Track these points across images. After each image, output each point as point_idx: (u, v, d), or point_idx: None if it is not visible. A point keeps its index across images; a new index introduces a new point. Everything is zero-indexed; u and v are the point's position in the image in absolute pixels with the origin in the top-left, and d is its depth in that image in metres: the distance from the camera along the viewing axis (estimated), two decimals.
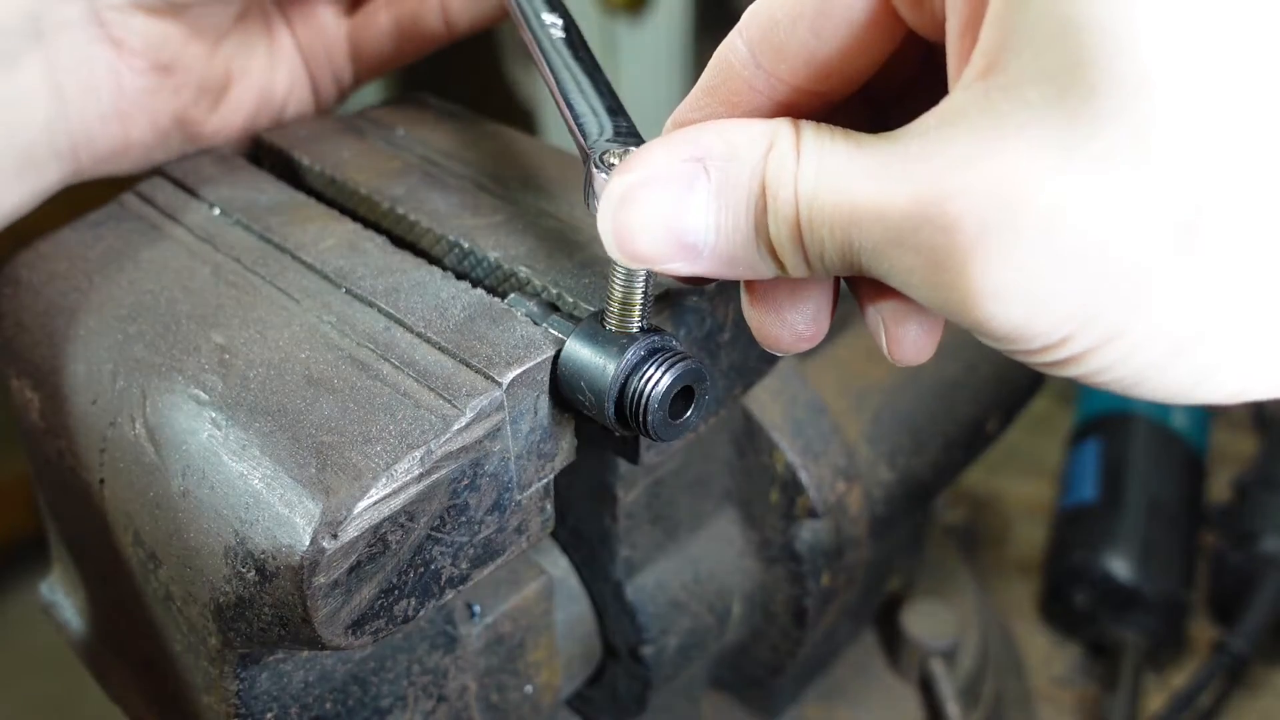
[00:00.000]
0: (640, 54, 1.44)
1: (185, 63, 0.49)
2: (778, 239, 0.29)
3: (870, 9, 0.30)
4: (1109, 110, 0.24)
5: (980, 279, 0.25)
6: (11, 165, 0.46)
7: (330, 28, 0.56)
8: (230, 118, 0.53)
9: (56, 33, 0.46)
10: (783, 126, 0.29)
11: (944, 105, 0.27)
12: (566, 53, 0.42)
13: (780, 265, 0.30)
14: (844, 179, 0.27)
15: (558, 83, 0.40)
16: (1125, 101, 0.24)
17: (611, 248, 0.31)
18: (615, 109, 0.38)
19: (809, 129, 0.29)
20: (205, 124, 0.52)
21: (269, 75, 0.54)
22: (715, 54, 0.32)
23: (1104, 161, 0.24)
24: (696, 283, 0.37)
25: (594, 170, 0.34)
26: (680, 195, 0.30)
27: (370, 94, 1.95)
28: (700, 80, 0.32)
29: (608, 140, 0.36)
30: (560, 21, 0.44)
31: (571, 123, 0.38)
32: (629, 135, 0.37)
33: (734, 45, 0.31)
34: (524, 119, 1.57)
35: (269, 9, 0.54)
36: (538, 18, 0.44)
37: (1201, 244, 0.24)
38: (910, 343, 0.34)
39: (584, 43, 0.43)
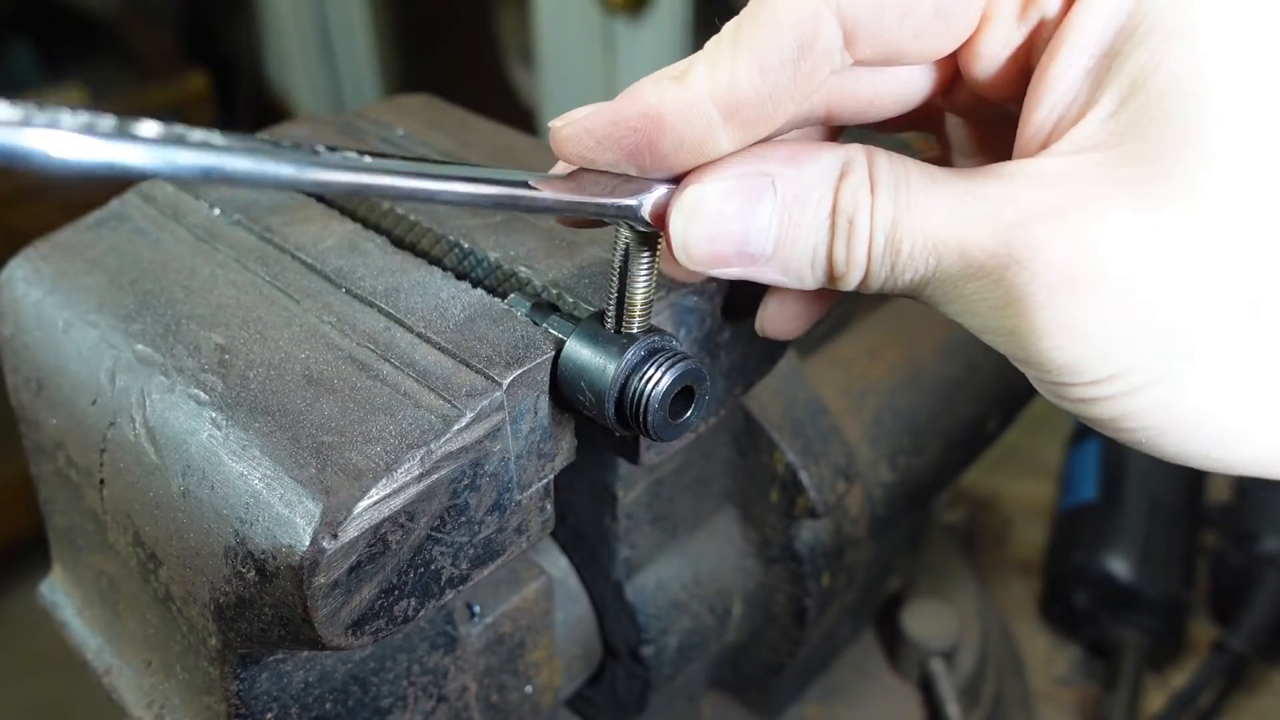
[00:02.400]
0: (640, 54, 1.44)
1: None
2: (842, 260, 0.32)
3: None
4: (1184, 195, 0.27)
5: (1049, 322, 0.28)
6: None
7: None
8: None
9: None
10: (856, 155, 0.31)
11: (1033, 161, 0.30)
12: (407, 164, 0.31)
13: (833, 279, 0.32)
14: (929, 215, 0.30)
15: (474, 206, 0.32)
16: (1201, 189, 0.27)
17: (680, 251, 0.33)
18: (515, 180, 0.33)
19: (882, 158, 0.31)
20: None
21: None
22: (784, 24, 0.30)
23: (1175, 234, 0.27)
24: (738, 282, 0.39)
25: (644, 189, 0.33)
26: (747, 207, 0.32)
27: (370, 94, 1.95)
28: (766, 53, 0.30)
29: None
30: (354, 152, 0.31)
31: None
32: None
33: (823, 16, 0.30)
34: (524, 119, 1.57)
35: None
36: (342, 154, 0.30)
37: (1259, 320, 0.28)
38: (784, 320, 0.38)
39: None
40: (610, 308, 0.36)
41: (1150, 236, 0.27)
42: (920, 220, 0.30)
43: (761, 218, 0.32)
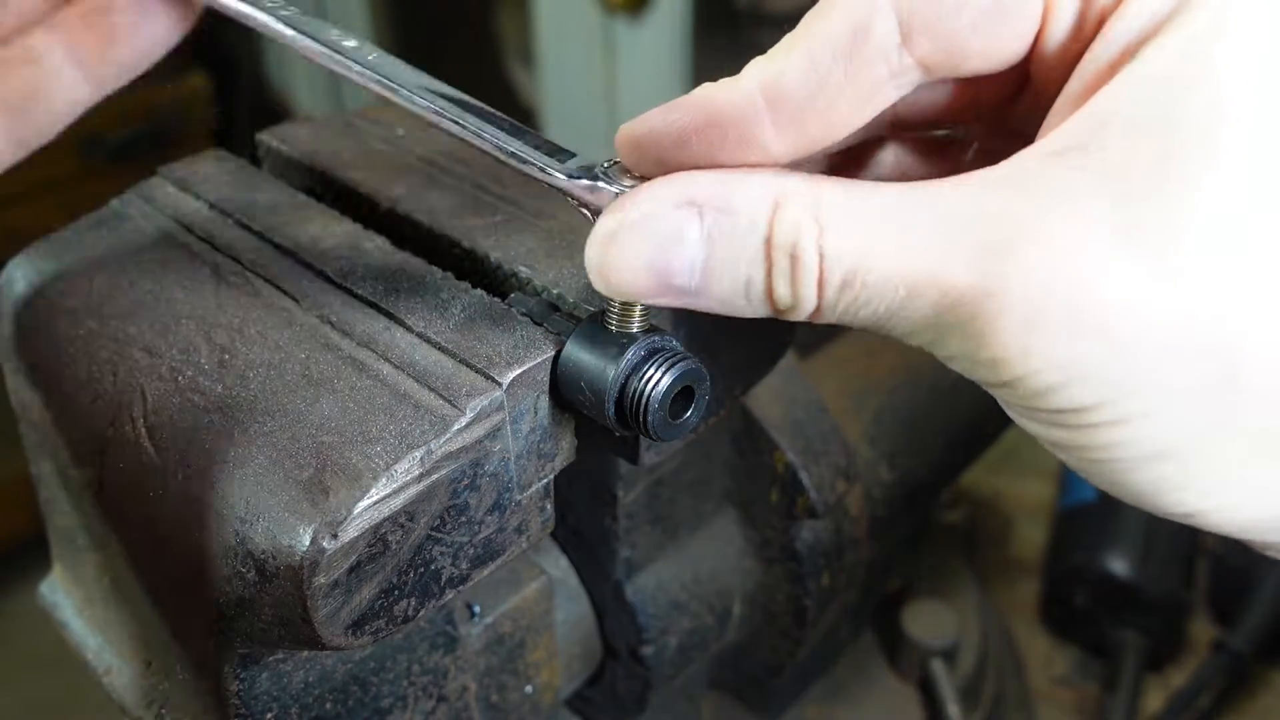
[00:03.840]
0: (640, 54, 1.44)
1: None
2: (789, 295, 0.30)
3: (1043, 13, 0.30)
4: (1175, 225, 0.26)
5: (1023, 353, 0.27)
6: None
7: None
8: None
9: None
10: (794, 184, 0.29)
11: (1015, 169, 0.28)
12: (424, 79, 0.37)
13: (778, 312, 0.31)
14: (899, 247, 0.28)
15: (460, 125, 0.36)
16: (1193, 227, 0.26)
17: (595, 279, 0.32)
18: (516, 129, 0.36)
19: (827, 187, 0.29)
20: None
21: None
22: (838, 15, 0.30)
23: (1163, 277, 0.26)
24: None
25: (607, 188, 0.33)
26: (668, 239, 0.30)
27: (371, 94, 1.95)
28: (818, 43, 0.30)
29: (576, 166, 0.35)
30: (365, 44, 0.38)
31: (526, 158, 0.35)
32: (567, 152, 0.35)
33: (878, 5, 0.29)
34: (524, 119, 1.57)
35: None
36: (340, 44, 0.37)
37: (1238, 379, 0.27)
38: None
39: (400, 59, 0.38)
40: (610, 307, 0.36)
41: (1141, 270, 0.26)
42: (888, 254, 0.28)
43: (687, 249, 0.30)
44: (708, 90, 0.31)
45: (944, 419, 0.62)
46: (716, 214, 0.30)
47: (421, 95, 0.36)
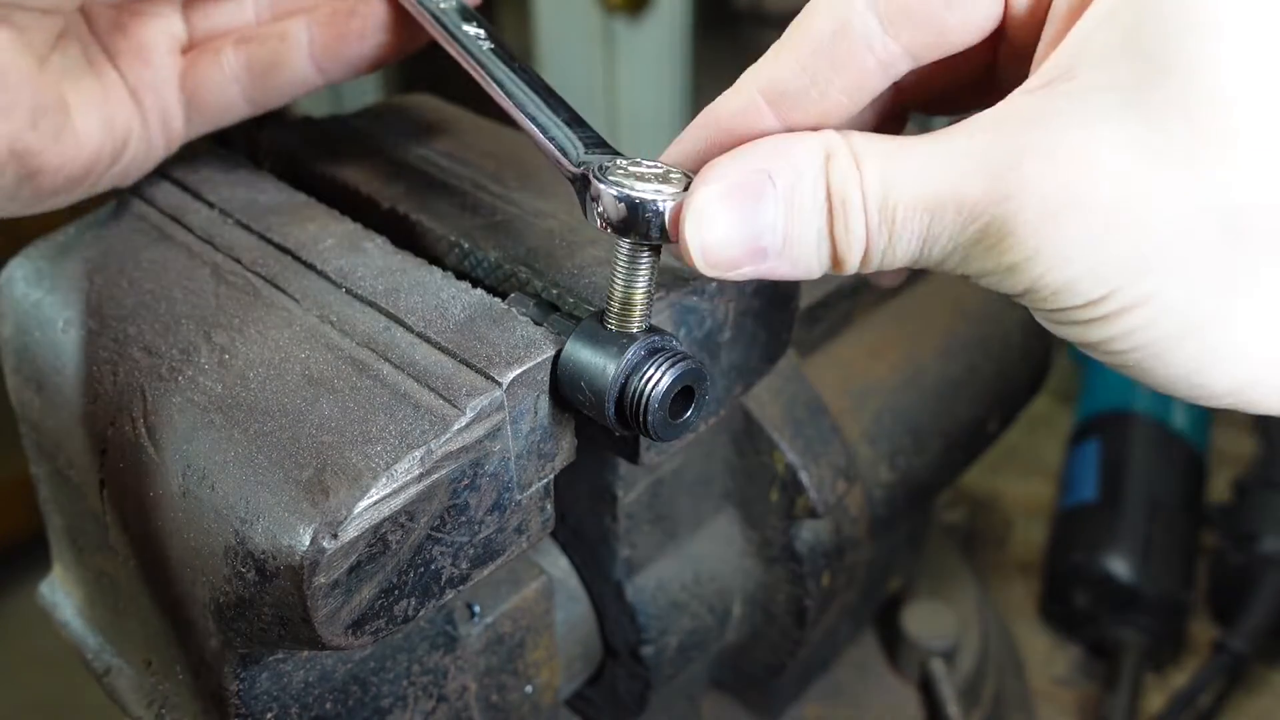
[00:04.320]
0: (640, 54, 1.44)
1: (11, 79, 0.40)
2: (845, 240, 0.32)
3: None
4: (1172, 112, 0.28)
5: (1041, 250, 0.29)
6: None
7: (158, 64, 0.47)
8: (74, 152, 0.43)
9: None
10: (832, 138, 0.32)
11: (1008, 104, 0.31)
12: (504, 67, 0.42)
13: (838, 263, 0.33)
14: (919, 176, 0.31)
15: (512, 100, 0.40)
16: (1188, 106, 0.28)
17: (699, 261, 0.33)
18: (573, 120, 0.39)
19: (857, 138, 0.32)
20: (45, 155, 0.42)
21: (106, 107, 0.45)
22: (819, 18, 0.33)
23: (1163, 149, 0.28)
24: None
25: (597, 183, 0.34)
26: (753, 204, 0.32)
27: (370, 94, 1.95)
28: (803, 41, 0.34)
29: (587, 154, 0.36)
30: (482, 32, 0.44)
31: (544, 140, 0.38)
32: (600, 145, 0.37)
33: (856, 6, 0.33)
34: None
35: (85, 34, 0.45)
36: (460, 30, 0.43)
37: (1245, 235, 0.28)
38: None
39: (513, 52, 0.43)
40: (610, 307, 0.36)
41: (1133, 157, 0.28)
42: (909, 182, 0.31)
43: (767, 213, 0.32)
44: (710, 108, 0.35)
45: (944, 419, 0.62)
46: (787, 174, 0.32)
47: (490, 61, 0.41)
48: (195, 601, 0.37)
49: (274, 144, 0.53)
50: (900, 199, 0.31)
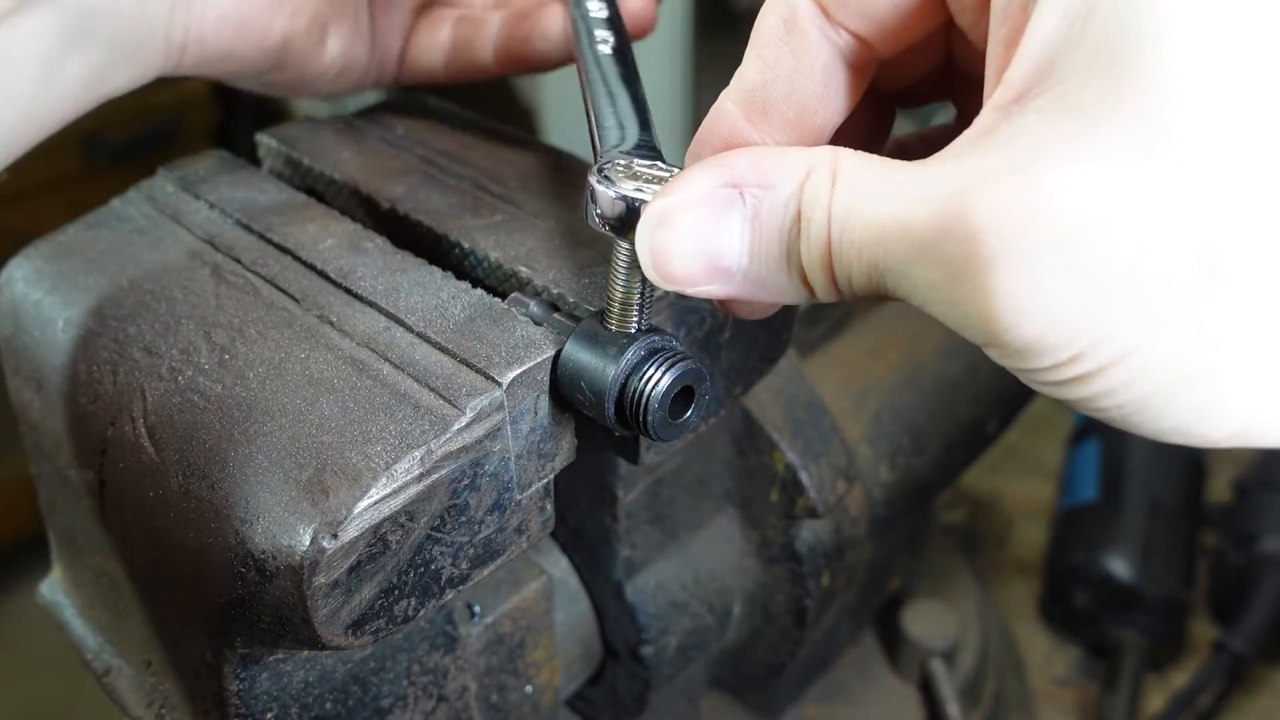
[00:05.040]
0: (640, 54, 1.44)
1: None
2: (809, 263, 0.30)
3: None
4: (1140, 138, 0.25)
5: (999, 292, 0.25)
6: (128, 50, 0.45)
7: (399, 17, 0.54)
8: (325, 63, 0.51)
9: None
10: (822, 155, 0.30)
11: (974, 126, 0.28)
12: (613, 68, 0.43)
13: (809, 289, 0.31)
14: (875, 201, 0.28)
15: (591, 92, 0.41)
16: (1157, 131, 0.24)
17: (648, 269, 0.32)
18: (644, 124, 0.39)
19: (849, 157, 0.30)
20: (309, 59, 0.50)
21: (352, 38, 0.52)
22: (769, 15, 0.33)
23: (1131, 182, 0.24)
24: (722, 306, 0.38)
25: (591, 179, 0.34)
26: (715, 220, 0.31)
27: (370, 94, 1.95)
28: (761, 40, 0.34)
29: (623, 152, 0.36)
30: (612, 39, 0.45)
31: (594, 131, 0.38)
32: (648, 150, 0.37)
33: (795, 4, 0.33)
34: (524, 119, 1.57)
35: None
36: (590, 34, 0.45)
37: (1223, 274, 0.25)
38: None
39: (632, 61, 0.44)
40: (610, 307, 0.36)
41: (1098, 189, 0.25)
42: (867, 206, 0.28)
43: (731, 230, 0.31)
44: (702, 127, 0.35)
45: (944, 419, 0.62)
46: (757, 190, 0.30)
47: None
48: (195, 601, 0.37)
49: (274, 144, 0.53)
50: (857, 223, 0.28)
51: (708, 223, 0.31)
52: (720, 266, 0.31)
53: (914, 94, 0.39)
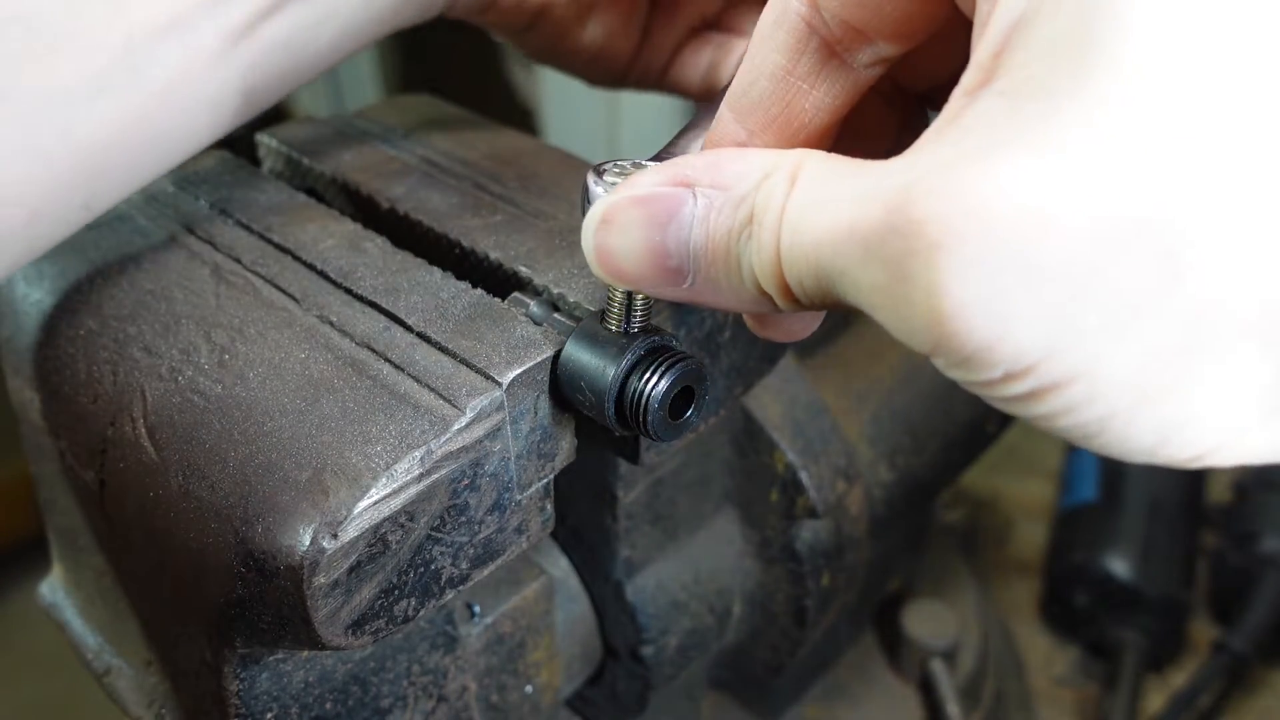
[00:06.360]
0: None
1: None
2: (759, 269, 0.28)
3: None
4: (1101, 127, 0.22)
5: (944, 292, 0.23)
6: None
7: (675, 34, 0.55)
8: (583, 42, 0.52)
9: None
10: (785, 158, 0.28)
11: (941, 114, 0.26)
12: None
13: (766, 298, 0.29)
14: (827, 202, 0.26)
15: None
16: (1118, 119, 0.22)
17: (593, 266, 0.32)
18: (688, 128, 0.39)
19: (815, 160, 0.28)
20: (565, 32, 0.51)
21: (621, 30, 0.53)
22: (768, 10, 0.33)
23: (1088, 177, 0.22)
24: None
25: (588, 178, 0.34)
26: (663, 219, 0.30)
27: (370, 94, 1.95)
28: (754, 38, 0.33)
29: (649, 158, 0.36)
30: None
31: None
32: (657, 157, 0.37)
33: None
34: (524, 119, 1.57)
35: None
36: None
37: (1186, 280, 0.22)
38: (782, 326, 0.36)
39: None
40: (610, 308, 0.36)
41: (1054, 183, 0.22)
42: (819, 210, 0.26)
43: (680, 231, 0.29)
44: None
45: (944, 419, 0.62)
46: (710, 191, 0.29)
47: None
48: (195, 601, 0.37)
49: (274, 144, 0.53)
50: (808, 225, 0.26)
51: (654, 221, 0.30)
52: (669, 268, 0.30)
53: (945, 94, 0.37)
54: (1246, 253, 0.22)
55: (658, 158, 0.36)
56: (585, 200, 0.34)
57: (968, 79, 0.25)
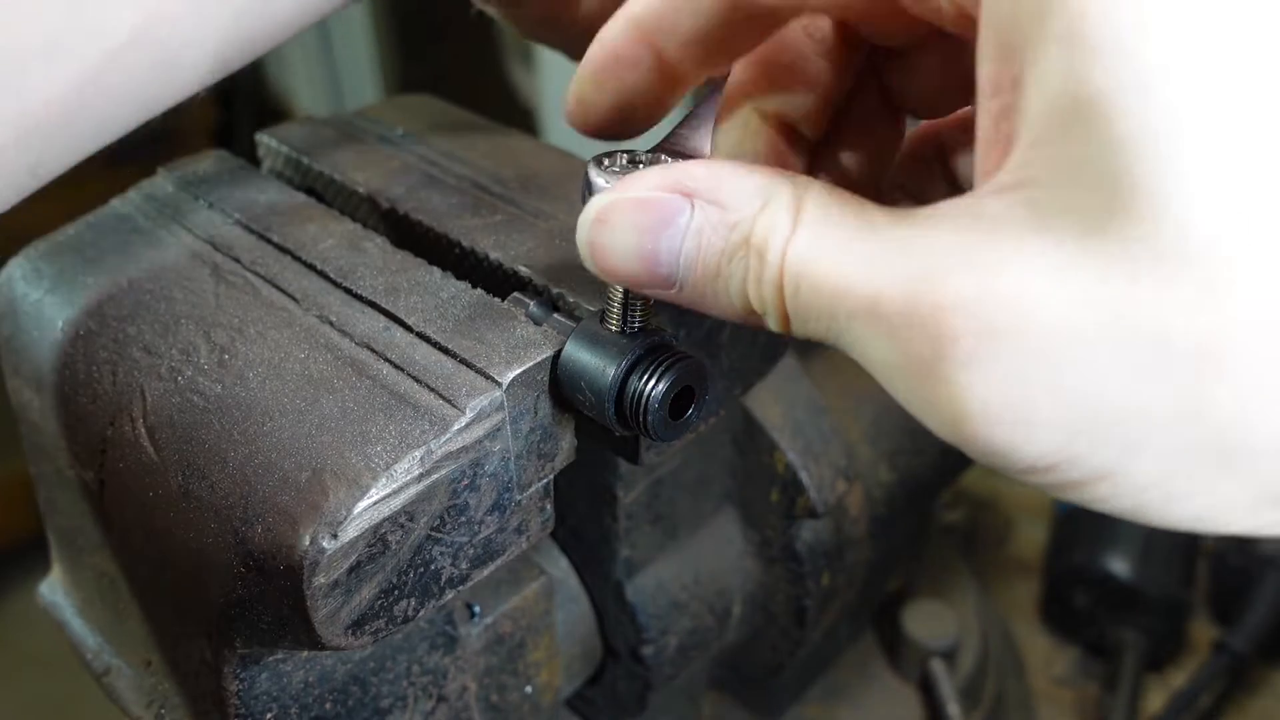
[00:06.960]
0: None
1: None
2: (757, 297, 0.29)
3: None
4: (1142, 262, 0.22)
5: (970, 396, 0.24)
6: None
7: None
8: (579, 12, 0.49)
9: None
10: (785, 187, 0.28)
11: (962, 202, 0.26)
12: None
13: (751, 313, 0.30)
14: (840, 261, 0.26)
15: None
16: (1157, 259, 0.22)
17: (586, 261, 0.32)
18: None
19: (816, 195, 0.28)
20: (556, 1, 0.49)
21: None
22: None
23: (1123, 302, 0.23)
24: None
25: (589, 168, 0.34)
26: (657, 224, 0.30)
27: (370, 94, 1.95)
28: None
29: (649, 150, 0.36)
30: None
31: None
32: (658, 148, 0.36)
33: None
34: (524, 119, 1.57)
35: None
36: None
37: (1211, 407, 0.23)
38: None
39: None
40: (610, 307, 0.36)
41: (1085, 307, 0.23)
42: (831, 265, 0.26)
43: (673, 240, 0.30)
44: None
45: None
46: (706, 205, 0.29)
47: None
48: (195, 601, 0.37)
49: (274, 144, 0.53)
50: (818, 278, 0.27)
51: (648, 225, 0.30)
52: (659, 273, 0.30)
53: (935, 102, 0.37)
54: (1274, 384, 0.23)
55: (658, 149, 0.36)
56: (586, 190, 0.34)
57: (996, 174, 0.25)
